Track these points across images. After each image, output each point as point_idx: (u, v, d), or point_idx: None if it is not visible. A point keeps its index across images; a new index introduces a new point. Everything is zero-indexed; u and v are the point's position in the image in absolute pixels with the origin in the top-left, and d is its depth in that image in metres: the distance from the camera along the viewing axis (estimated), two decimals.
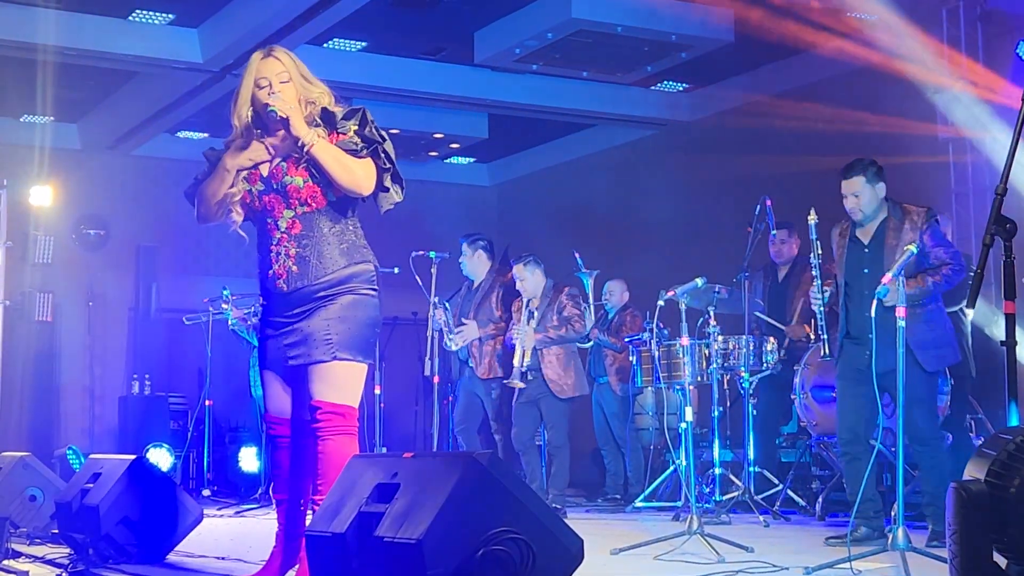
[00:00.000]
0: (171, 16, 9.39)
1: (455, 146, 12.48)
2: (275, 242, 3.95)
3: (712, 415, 7.72)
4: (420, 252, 7.65)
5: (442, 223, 12.30)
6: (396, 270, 7.46)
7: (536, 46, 9.41)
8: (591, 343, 8.86)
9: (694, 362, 7.43)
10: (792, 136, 9.51)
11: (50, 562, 4.85)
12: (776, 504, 7.36)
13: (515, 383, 7.66)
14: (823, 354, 6.08)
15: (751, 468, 7.59)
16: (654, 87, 10.83)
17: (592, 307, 8.70)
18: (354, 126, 3.93)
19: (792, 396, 7.39)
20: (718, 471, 7.65)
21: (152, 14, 9.32)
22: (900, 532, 4.42)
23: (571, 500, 8.68)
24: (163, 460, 9.73)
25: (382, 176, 3.95)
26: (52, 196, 9.88)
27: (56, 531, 5.41)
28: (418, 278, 7.57)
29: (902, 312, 4.61)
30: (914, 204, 5.68)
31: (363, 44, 9.96)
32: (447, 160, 13.18)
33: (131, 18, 9.34)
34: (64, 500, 5.26)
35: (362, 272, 3.97)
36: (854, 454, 5.67)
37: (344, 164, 3.87)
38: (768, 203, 7.65)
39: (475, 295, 8.11)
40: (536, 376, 7.74)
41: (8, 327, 9.48)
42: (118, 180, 12.17)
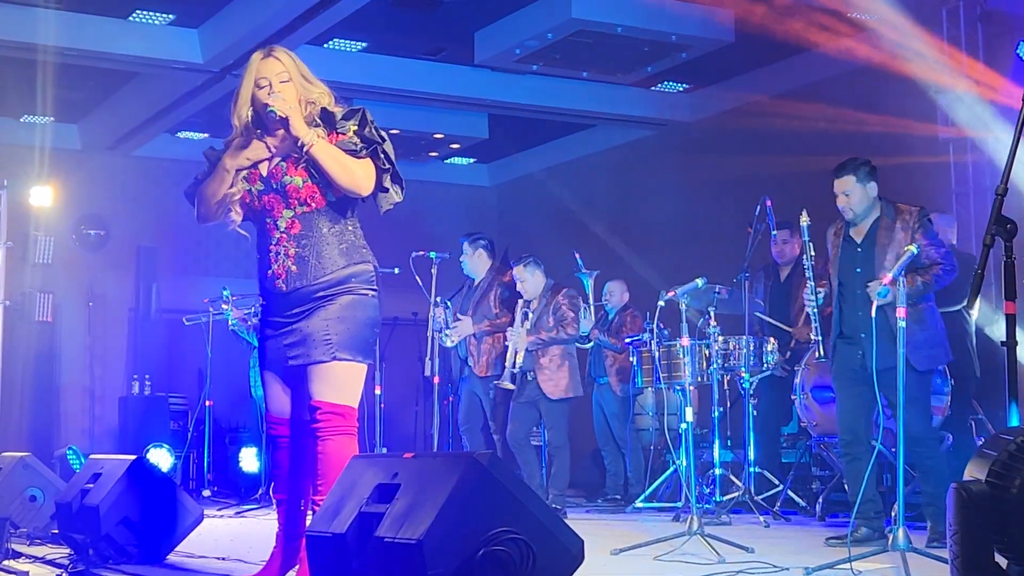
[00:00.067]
0: (171, 16, 9.39)
1: (455, 146, 12.48)
2: (274, 242, 3.94)
3: (712, 416, 7.71)
4: (420, 252, 7.64)
5: (442, 223, 12.31)
6: (396, 270, 7.46)
7: (536, 46, 9.41)
8: (591, 344, 8.86)
9: (694, 362, 7.42)
10: (792, 136, 9.50)
11: (50, 562, 4.85)
12: (776, 505, 7.36)
13: (505, 384, 7.67)
14: (817, 356, 6.09)
15: (751, 469, 7.59)
16: (654, 87, 10.83)
17: (592, 307, 8.70)
18: (354, 126, 3.92)
19: (792, 396, 7.39)
20: (718, 472, 7.65)
21: (152, 14, 9.32)
22: (900, 533, 4.42)
23: (571, 500, 8.68)
24: (163, 460, 9.73)
25: (381, 176, 3.94)
26: (52, 196, 9.88)
27: (56, 531, 5.41)
28: (418, 278, 7.57)
29: (902, 312, 4.61)
30: (908, 204, 5.68)
31: (363, 44, 9.96)
32: (447, 160, 13.18)
33: (131, 18, 9.35)
34: (64, 500, 5.25)
35: (361, 272, 3.97)
36: (855, 455, 5.66)
37: (343, 164, 3.86)
38: (768, 203, 7.65)
39: (474, 293, 8.11)
40: (534, 377, 7.75)
41: (8, 327, 9.48)
42: (118, 180, 12.17)
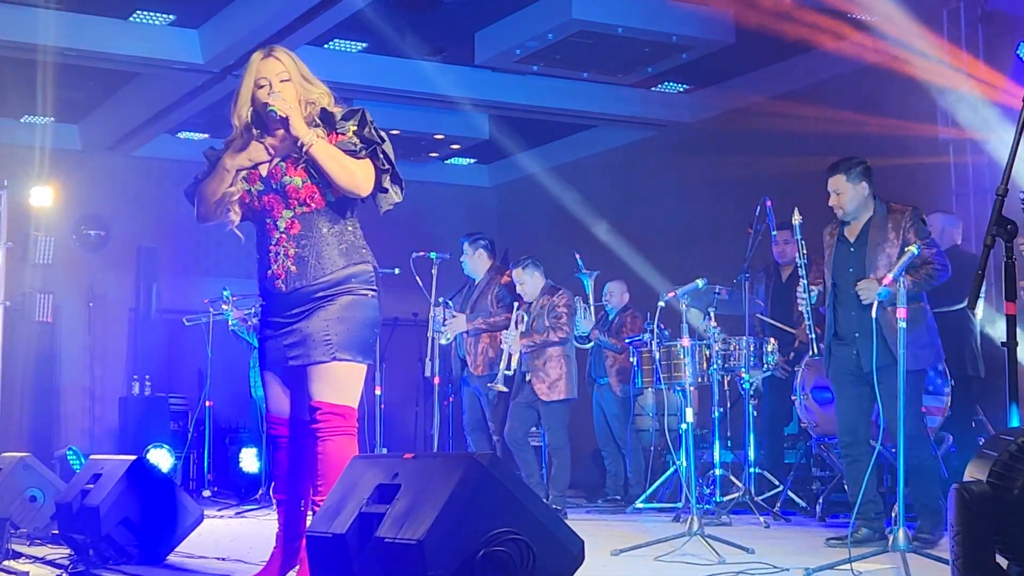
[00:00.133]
0: (172, 17, 9.39)
1: (456, 147, 12.48)
2: (274, 242, 3.94)
3: (713, 416, 7.71)
4: (420, 253, 7.65)
5: (442, 224, 12.30)
6: (397, 271, 7.47)
7: (537, 47, 9.41)
8: (591, 344, 8.86)
9: (695, 363, 7.43)
10: (793, 137, 9.50)
11: (50, 563, 4.85)
12: (777, 505, 7.36)
13: (498, 387, 7.68)
14: (812, 353, 6.10)
15: (752, 469, 7.59)
16: (655, 88, 10.83)
17: (592, 308, 8.70)
18: (353, 127, 3.92)
19: (792, 397, 7.39)
20: (718, 472, 7.65)
21: (153, 15, 9.32)
22: (901, 533, 4.41)
23: (571, 501, 8.68)
24: (163, 461, 9.72)
25: (381, 177, 3.93)
26: (53, 197, 9.88)
27: (56, 532, 5.41)
28: (418, 279, 7.57)
29: (902, 313, 4.61)
30: (902, 204, 5.70)
31: (364, 45, 9.96)
32: (447, 161, 13.18)
33: (132, 19, 9.35)
34: (64, 501, 5.25)
35: (361, 272, 3.96)
36: (855, 456, 5.67)
37: (343, 164, 3.86)
38: (768, 204, 7.65)
39: (473, 293, 8.12)
40: (531, 379, 7.76)
41: (8, 328, 9.49)
42: (119, 181, 12.17)
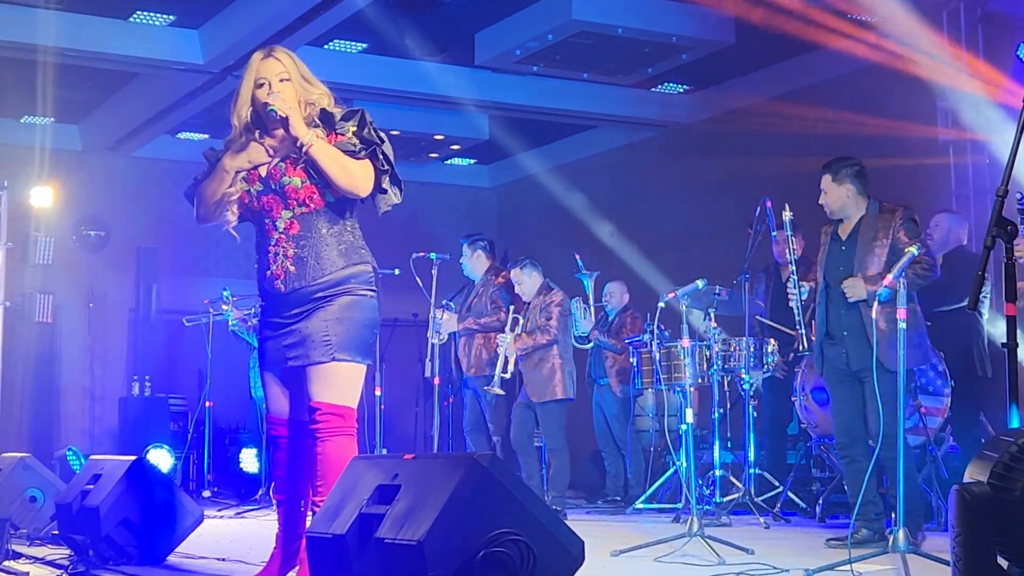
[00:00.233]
0: (172, 17, 9.39)
1: (456, 147, 12.48)
2: (273, 243, 3.94)
3: (713, 417, 7.71)
4: (421, 253, 7.64)
5: (442, 224, 12.31)
6: (397, 271, 7.47)
7: (537, 48, 9.41)
8: (591, 344, 8.86)
9: (695, 364, 7.43)
10: (793, 138, 9.50)
11: (50, 563, 4.85)
12: (777, 506, 7.36)
13: (495, 390, 7.68)
14: (800, 349, 6.12)
15: (751, 470, 7.59)
16: (654, 89, 10.83)
17: (592, 308, 8.70)
18: (353, 127, 3.92)
19: (792, 398, 7.38)
20: (718, 473, 7.65)
21: (153, 15, 9.32)
22: (901, 534, 4.41)
23: (571, 502, 8.68)
24: (163, 461, 9.72)
25: (380, 178, 3.93)
26: (53, 197, 9.88)
27: (56, 532, 5.41)
28: (419, 279, 7.57)
29: (902, 314, 4.60)
30: (892, 203, 5.73)
31: (364, 45, 9.96)
32: (448, 161, 13.18)
33: (132, 19, 9.35)
34: (64, 501, 5.25)
35: (360, 273, 3.96)
36: (852, 456, 5.68)
37: (342, 165, 3.86)
38: (768, 204, 7.64)
39: (470, 294, 8.12)
40: (525, 380, 7.77)
41: (8, 328, 9.48)
42: (119, 181, 12.17)
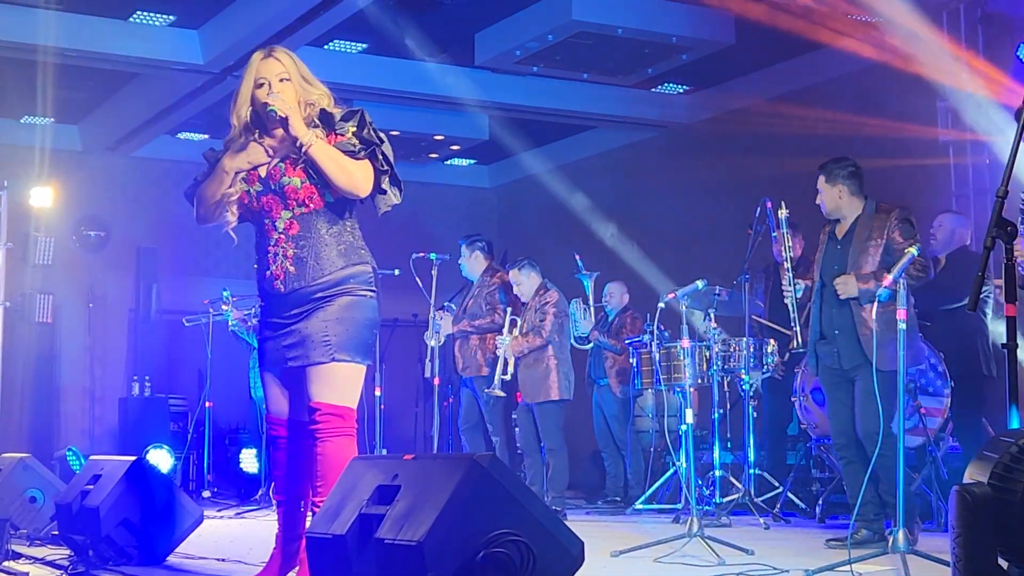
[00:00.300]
0: (172, 17, 9.39)
1: (456, 148, 12.48)
2: (273, 243, 3.94)
3: (712, 417, 7.71)
4: (420, 254, 7.65)
5: (442, 225, 12.31)
6: (397, 272, 7.47)
7: (537, 48, 9.41)
8: (591, 345, 8.86)
9: (694, 364, 7.42)
10: (793, 138, 9.50)
11: (50, 563, 4.85)
12: (777, 507, 7.36)
13: (495, 392, 7.68)
14: (793, 346, 6.14)
15: (751, 470, 7.59)
16: (654, 89, 10.82)
17: (592, 309, 8.70)
18: (352, 127, 3.92)
19: (792, 398, 7.38)
20: (718, 473, 7.65)
21: (153, 15, 9.32)
22: (901, 535, 4.41)
23: (571, 502, 8.68)
24: (163, 462, 9.72)
25: (380, 178, 3.93)
26: (53, 197, 9.88)
27: (56, 532, 5.40)
28: (418, 280, 7.57)
29: (903, 314, 4.60)
30: (888, 204, 5.74)
31: (364, 45, 9.96)
32: (448, 162, 13.18)
33: (132, 19, 9.34)
34: (64, 502, 5.25)
35: (360, 273, 3.96)
36: (849, 457, 5.68)
37: (341, 165, 3.86)
38: (768, 205, 7.64)
39: (467, 295, 8.13)
40: (521, 382, 7.78)
41: (8, 328, 9.48)
42: (119, 181, 12.18)
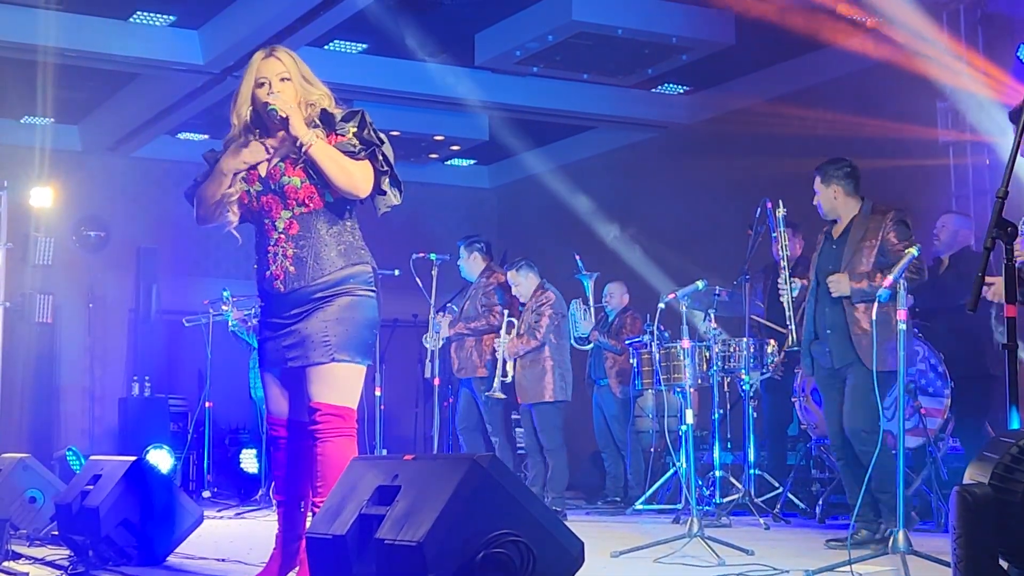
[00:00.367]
0: (172, 18, 9.39)
1: (456, 148, 12.48)
2: (272, 243, 3.93)
3: (712, 418, 7.71)
4: (421, 254, 7.65)
5: (442, 225, 12.31)
6: (397, 272, 7.47)
7: (537, 48, 9.41)
8: (591, 345, 8.86)
9: (694, 364, 7.43)
10: (793, 139, 9.50)
11: (50, 564, 4.84)
12: (777, 507, 7.36)
13: (496, 394, 7.68)
14: (789, 343, 6.16)
15: (751, 471, 7.59)
16: (655, 89, 10.83)
17: (592, 309, 8.70)
18: (353, 128, 3.92)
19: (792, 399, 7.38)
20: (718, 474, 7.65)
21: (153, 16, 9.32)
22: (901, 535, 4.41)
23: (571, 502, 8.68)
24: (163, 462, 9.72)
25: (380, 179, 3.93)
26: (53, 197, 9.88)
27: (56, 533, 5.40)
28: (418, 280, 7.57)
29: (903, 315, 4.59)
30: (885, 205, 5.75)
31: (364, 46, 9.96)
32: (448, 162, 13.18)
33: (132, 19, 9.35)
34: (64, 502, 5.25)
35: (360, 273, 3.95)
36: (847, 458, 5.68)
37: (341, 165, 3.86)
38: (768, 205, 7.64)
39: (464, 296, 8.14)
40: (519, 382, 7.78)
41: (8, 329, 9.49)
42: (119, 182, 12.18)
